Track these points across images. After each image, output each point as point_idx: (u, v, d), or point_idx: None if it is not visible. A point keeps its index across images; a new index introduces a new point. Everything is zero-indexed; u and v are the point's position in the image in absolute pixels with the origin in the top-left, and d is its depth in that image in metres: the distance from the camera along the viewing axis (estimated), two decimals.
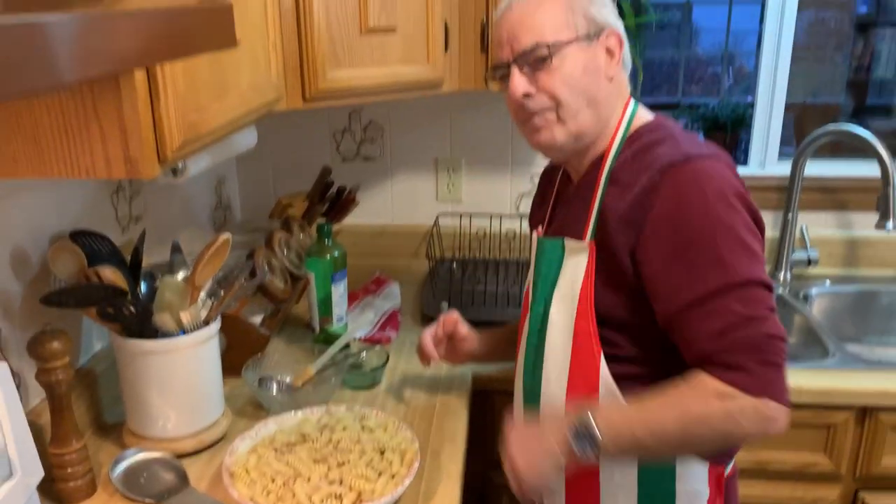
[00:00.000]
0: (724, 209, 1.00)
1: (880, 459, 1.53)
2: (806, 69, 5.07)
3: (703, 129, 5.14)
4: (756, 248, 1.02)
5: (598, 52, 1.09)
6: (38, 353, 1.08)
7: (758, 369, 0.97)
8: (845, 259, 2.03)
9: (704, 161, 1.02)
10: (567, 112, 1.09)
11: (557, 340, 1.14)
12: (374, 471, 1.12)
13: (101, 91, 0.87)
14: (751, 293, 0.99)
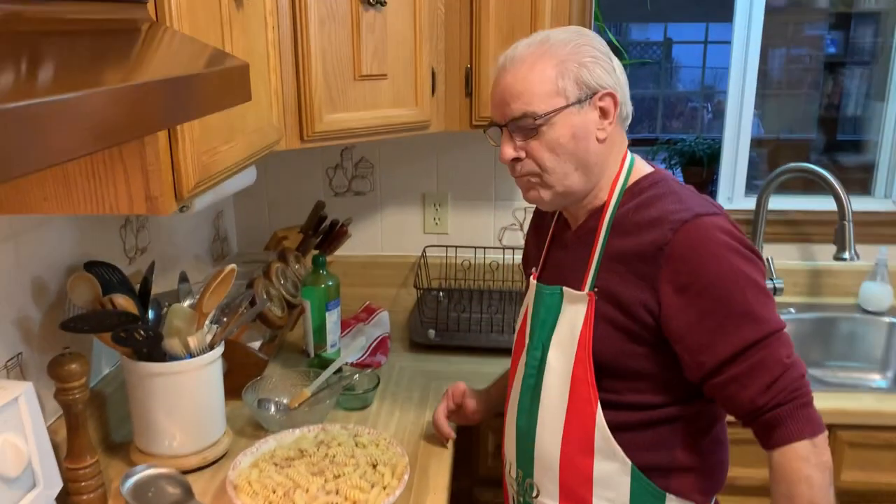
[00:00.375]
0: (741, 262, 1.05)
1: (839, 474, 1.63)
2: (779, 106, 5.26)
3: (680, 164, 5.30)
4: (771, 298, 1.08)
5: (589, 115, 1.10)
6: (58, 375, 1.17)
7: (807, 413, 1.05)
8: (808, 288, 2.15)
9: (712, 217, 1.06)
10: (553, 178, 1.12)
11: (554, 385, 1.16)
12: (368, 482, 1.22)
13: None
14: (783, 339, 1.05)
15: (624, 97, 1.13)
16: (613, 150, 1.15)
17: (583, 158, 1.12)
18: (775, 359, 1.04)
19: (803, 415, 1.05)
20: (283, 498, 1.19)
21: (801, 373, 1.06)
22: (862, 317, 2.06)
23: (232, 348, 1.54)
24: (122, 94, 0.68)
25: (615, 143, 1.15)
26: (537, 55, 1.10)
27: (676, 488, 1.15)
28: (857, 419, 1.59)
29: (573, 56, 1.09)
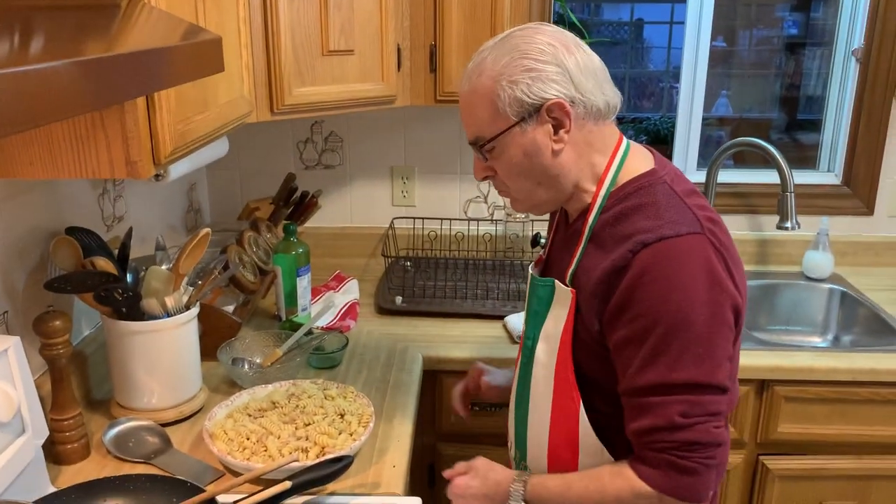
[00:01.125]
0: (684, 298, 0.99)
1: (777, 427, 1.76)
2: (746, 86, 5.40)
3: (647, 141, 5.44)
4: (716, 344, 1.01)
5: (539, 131, 1.06)
6: (43, 331, 1.25)
7: (674, 473, 1.02)
8: (756, 257, 2.28)
9: (680, 241, 1.01)
10: (519, 195, 1.13)
11: (541, 378, 1.18)
12: (336, 429, 1.31)
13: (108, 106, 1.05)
14: (690, 397, 1.00)
15: (589, 95, 1.06)
16: (587, 153, 1.10)
17: (540, 174, 1.09)
18: (664, 412, 1.01)
19: (677, 476, 1.03)
20: (255, 444, 1.28)
21: (696, 440, 1.01)
22: (805, 283, 2.19)
23: (207, 311, 1.62)
24: (103, 64, 0.76)
25: (588, 144, 1.09)
26: (475, 79, 1.08)
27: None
28: (792, 375, 1.71)
29: (507, 75, 1.05)
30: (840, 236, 2.25)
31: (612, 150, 1.11)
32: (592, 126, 1.09)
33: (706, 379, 1.01)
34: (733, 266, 1.07)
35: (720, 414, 1.03)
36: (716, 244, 1.03)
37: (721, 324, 1.02)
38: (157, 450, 1.34)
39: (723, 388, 1.03)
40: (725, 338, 1.03)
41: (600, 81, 1.08)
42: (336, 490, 1.24)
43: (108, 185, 1.65)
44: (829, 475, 1.79)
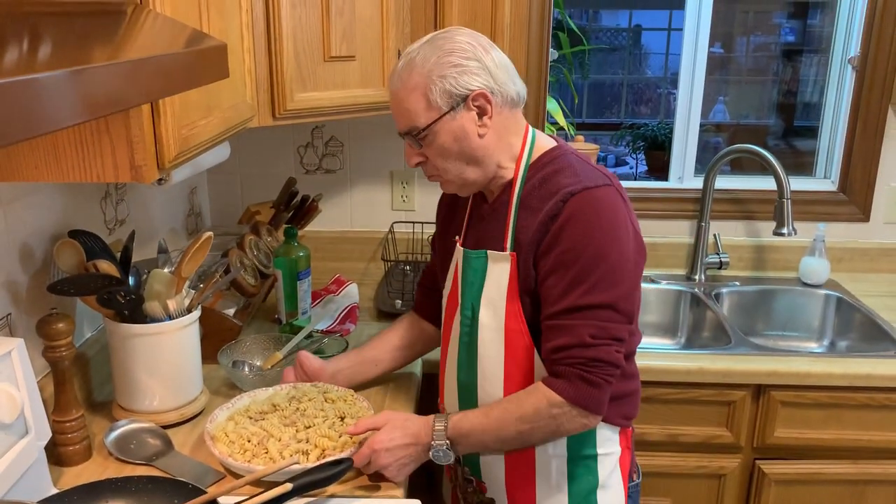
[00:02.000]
0: (603, 237, 1.19)
1: (773, 431, 1.78)
2: (744, 92, 5.43)
3: (643, 147, 5.47)
4: (626, 277, 1.20)
5: (466, 118, 1.22)
6: (46, 333, 1.26)
7: (581, 385, 1.19)
8: (752, 262, 2.29)
9: (598, 190, 1.21)
10: (450, 176, 1.28)
11: (489, 340, 1.30)
12: (336, 432, 1.33)
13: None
14: (601, 315, 1.19)
15: (504, 86, 1.24)
16: (505, 135, 1.27)
17: (469, 155, 1.25)
18: (577, 331, 1.19)
19: (583, 387, 1.19)
20: (256, 446, 1.29)
21: (599, 357, 1.19)
22: (801, 289, 2.20)
23: (208, 314, 1.63)
24: (110, 71, 0.77)
25: (505, 129, 1.27)
26: (407, 77, 1.23)
27: (604, 415, 1.29)
28: (788, 380, 1.73)
29: (437, 70, 1.20)
30: (836, 242, 2.26)
31: (523, 132, 1.30)
32: (508, 113, 1.27)
33: (615, 304, 1.19)
34: (633, 215, 1.26)
35: (622, 340, 1.21)
36: (623, 195, 1.24)
37: (629, 260, 1.21)
38: (159, 452, 1.35)
39: (629, 316, 1.22)
40: (633, 273, 1.23)
41: (511, 75, 1.26)
42: (336, 492, 1.25)
43: (110, 188, 1.67)
44: (825, 480, 1.81)
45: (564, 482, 1.32)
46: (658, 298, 2.21)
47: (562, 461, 1.31)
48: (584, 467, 1.32)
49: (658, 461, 1.81)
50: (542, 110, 2.15)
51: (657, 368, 1.74)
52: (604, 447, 1.33)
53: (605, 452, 1.33)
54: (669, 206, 2.27)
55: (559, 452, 1.31)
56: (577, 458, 1.31)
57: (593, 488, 1.33)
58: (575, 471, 1.32)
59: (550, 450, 1.31)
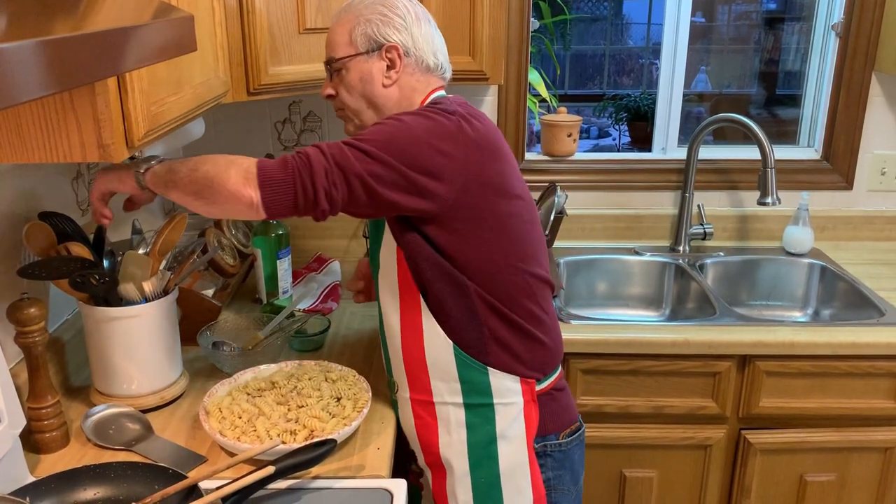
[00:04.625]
0: (399, 117, 1.23)
1: (758, 401, 1.78)
2: (725, 62, 5.40)
3: (626, 119, 5.43)
4: (395, 138, 1.19)
5: (376, 64, 1.32)
6: (17, 318, 1.23)
7: (276, 162, 1.18)
8: (736, 232, 2.28)
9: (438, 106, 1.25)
10: (350, 112, 1.37)
11: (386, 286, 1.34)
12: (329, 413, 1.31)
13: (77, 88, 1.03)
14: (347, 143, 1.20)
15: (421, 51, 1.33)
16: (409, 93, 1.34)
17: (370, 99, 1.34)
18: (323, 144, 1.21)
19: (275, 161, 1.19)
20: (246, 423, 1.28)
21: (306, 151, 1.19)
22: (785, 258, 2.20)
23: (185, 295, 1.60)
24: (70, 43, 0.73)
25: (411, 88, 1.34)
26: (342, 13, 1.35)
27: (495, 363, 1.29)
28: (773, 350, 1.72)
29: (365, 14, 1.32)
30: (820, 211, 2.26)
31: (426, 94, 1.35)
32: (420, 76, 1.34)
33: (364, 147, 1.18)
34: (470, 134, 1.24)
35: (346, 171, 1.17)
36: (466, 129, 1.23)
37: (415, 135, 1.20)
38: (138, 436, 1.33)
39: (363, 150, 1.19)
40: (416, 144, 1.20)
41: (435, 48, 1.35)
42: (321, 473, 1.24)
43: (82, 168, 1.62)
44: (809, 448, 1.81)
45: (463, 431, 1.31)
46: (642, 270, 2.19)
47: (459, 410, 1.31)
48: (480, 416, 1.31)
49: (644, 433, 1.81)
50: (524, 81, 2.12)
51: (642, 341, 1.73)
52: (501, 396, 1.30)
53: (503, 402, 1.31)
54: (653, 178, 2.25)
55: (455, 400, 1.31)
56: (472, 407, 1.31)
57: (492, 439, 1.31)
58: (472, 420, 1.31)
59: (447, 396, 1.31)
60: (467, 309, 1.27)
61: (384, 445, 1.32)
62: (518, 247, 1.29)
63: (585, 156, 2.31)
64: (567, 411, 1.40)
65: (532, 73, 2.37)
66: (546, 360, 1.34)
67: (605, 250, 2.22)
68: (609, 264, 2.20)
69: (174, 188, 1.24)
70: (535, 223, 1.35)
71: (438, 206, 1.21)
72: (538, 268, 1.32)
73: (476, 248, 1.25)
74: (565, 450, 1.37)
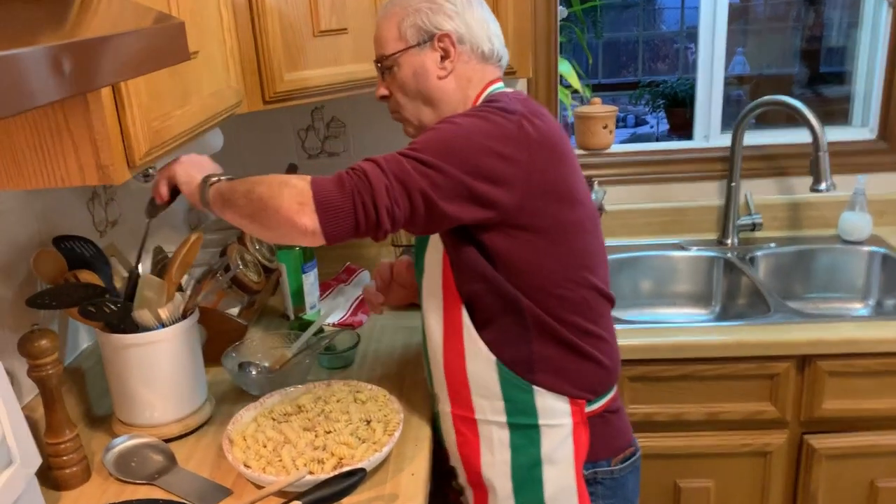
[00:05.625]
0: (455, 119, 1.15)
1: (821, 403, 1.65)
2: (763, 42, 5.21)
3: (664, 105, 5.28)
4: (454, 147, 1.09)
5: (429, 56, 1.23)
6: (29, 352, 1.17)
7: (332, 178, 1.10)
8: (788, 222, 2.15)
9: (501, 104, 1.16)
10: (407, 113, 1.28)
11: (430, 294, 1.27)
12: (358, 439, 1.23)
13: (70, 107, 0.96)
14: (404, 154, 1.11)
15: (476, 38, 1.24)
16: (465, 85, 1.25)
17: (426, 94, 1.25)
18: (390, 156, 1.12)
19: (330, 177, 1.11)
20: (271, 452, 1.21)
21: (363, 167, 1.10)
22: (842, 247, 2.05)
23: (209, 315, 1.54)
24: (50, 53, 0.67)
25: (468, 79, 1.25)
26: (388, 7, 1.27)
27: (541, 381, 1.20)
28: (836, 348, 1.60)
29: (413, 5, 1.23)
30: (877, 195, 2.10)
31: (484, 86, 1.26)
32: (476, 64, 1.25)
33: (422, 157, 1.09)
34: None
35: (407, 186, 1.08)
36: (528, 129, 1.13)
37: (473, 142, 1.11)
38: (161, 469, 1.26)
39: (421, 161, 1.09)
40: (474, 151, 1.11)
41: (490, 34, 1.26)
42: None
43: (97, 189, 1.57)
44: (880, 452, 1.68)
45: (507, 452, 1.23)
46: (689, 266, 2.08)
47: (503, 430, 1.23)
48: (525, 437, 1.22)
49: (698, 441, 1.70)
50: (554, 73, 2.01)
51: (693, 344, 1.62)
52: (547, 417, 1.21)
53: (550, 423, 1.21)
54: (696, 168, 2.13)
55: (498, 419, 1.22)
56: (517, 427, 1.22)
57: (537, 462, 1.22)
58: (516, 441, 1.22)
59: (489, 414, 1.23)
60: (515, 324, 1.18)
61: (419, 471, 1.24)
62: (578, 259, 1.19)
63: (623, 148, 2.20)
64: (621, 435, 1.29)
65: (563, 64, 2.27)
66: (599, 381, 1.24)
67: (648, 247, 2.11)
68: (653, 261, 2.08)
69: (230, 208, 1.16)
70: (597, 232, 1.25)
71: (500, 214, 1.12)
72: (598, 281, 1.23)
73: (533, 260, 1.16)
74: (618, 477, 1.27)
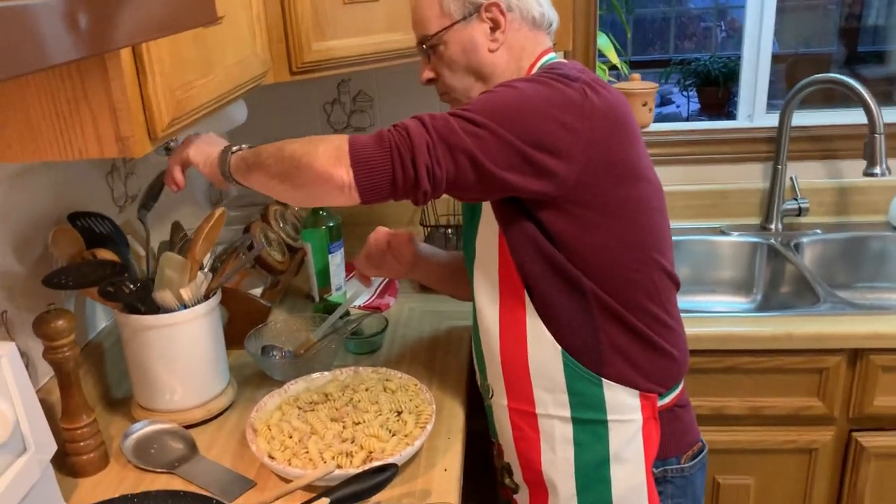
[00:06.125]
0: (517, 84, 1.07)
1: (872, 400, 1.57)
2: (796, 20, 5.05)
3: (695, 84, 5.14)
4: (510, 111, 1.02)
5: (477, 28, 1.15)
6: (44, 333, 1.11)
7: (371, 136, 1.03)
8: (836, 207, 2.05)
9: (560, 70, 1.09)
10: (458, 94, 1.19)
11: (484, 280, 1.19)
12: (388, 431, 1.17)
13: (89, 74, 0.89)
14: (453, 114, 1.04)
15: (522, 3, 1.15)
16: (519, 55, 1.17)
17: (477, 69, 1.17)
18: None
19: (370, 135, 1.04)
20: (297, 444, 1.15)
21: (406, 124, 1.03)
22: (893, 234, 1.96)
23: (232, 296, 1.48)
24: (66, 6, 0.59)
25: (521, 48, 1.17)
26: None
27: (611, 374, 1.12)
28: (891, 342, 1.51)
29: None
30: None
31: (538, 55, 1.18)
32: (527, 32, 1.17)
33: (475, 119, 1.01)
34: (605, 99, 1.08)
35: (453, 146, 1.01)
36: (588, 91, 1.06)
37: (535, 107, 1.04)
38: (181, 457, 1.21)
39: (469, 119, 1.02)
40: (538, 120, 1.03)
41: None
42: (381, 501, 1.09)
43: (116, 162, 1.50)
44: None
45: (570, 449, 1.15)
46: (730, 252, 1.99)
47: (566, 425, 1.15)
48: (591, 433, 1.14)
49: (740, 437, 1.62)
50: (593, 47, 1.92)
51: (738, 335, 1.54)
52: (616, 412, 1.14)
53: (619, 419, 1.14)
54: (739, 148, 2.03)
55: (561, 414, 1.14)
56: (582, 423, 1.14)
57: (605, 460, 1.14)
58: (581, 437, 1.14)
59: (552, 409, 1.15)
60: (580, 310, 1.10)
61: (452, 466, 1.17)
62: (645, 238, 1.11)
63: (662, 126, 2.11)
64: (690, 431, 1.22)
65: (601, 38, 2.17)
66: (670, 373, 1.16)
67: (687, 231, 2.02)
68: (693, 246, 1.99)
69: (257, 170, 1.09)
70: (663, 211, 1.16)
71: (557, 187, 1.04)
72: (667, 263, 1.15)
73: (596, 240, 1.08)
74: (687, 475, 1.20)
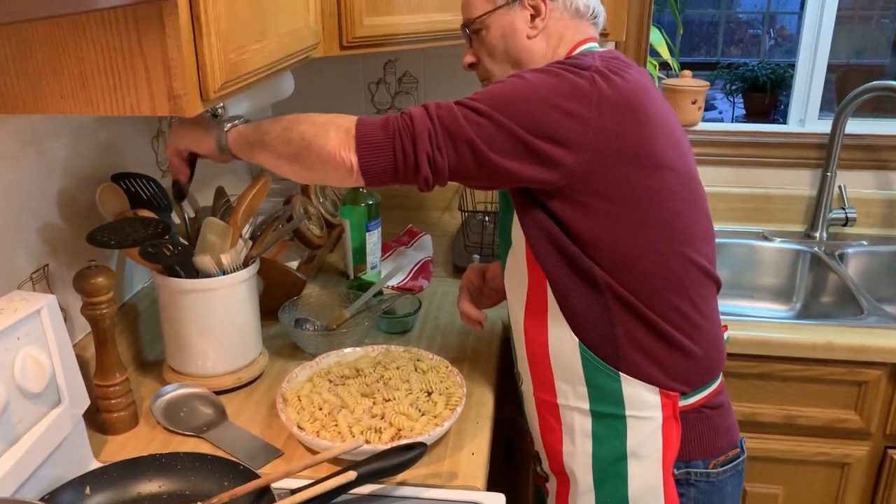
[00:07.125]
0: (525, 74, 1.06)
1: None
2: (849, 31, 4.94)
3: (741, 89, 5.05)
4: (517, 100, 1.02)
5: (518, 15, 1.15)
6: (84, 288, 1.12)
7: (378, 121, 1.05)
8: (884, 219, 2.00)
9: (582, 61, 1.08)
10: (496, 79, 1.16)
11: (515, 269, 1.17)
12: (418, 410, 1.16)
13: (146, 29, 0.89)
14: (461, 104, 1.04)
15: None
16: (556, 44, 1.17)
17: (514, 56, 1.18)
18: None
19: (377, 120, 1.06)
20: (327, 416, 1.15)
21: (411, 111, 1.05)
22: None
23: (269, 267, 1.48)
24: None
25: (560, 37, 1.17)
26: None
27: (629, 369, 1.09)
28: None
29: None
30: None
31: (575, 44, 1.17)
32: (568, 21, 1.17)
33: (480, 109, 1.02)
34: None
35: (457, 136, 1.02)
36: (609, 69, 1.05)
37: (541, 98, 1.03)
38: (210, 422, 1.21)
39: (475, 109, 1.03)
40: (543, 109, 1.02)
41: None
42: (407, 479, 1.09)
43: (162, 125, 1.51)
44: None
45: (589, 442, 1.13)
46: (772, 258, 1.95)
47: (585, 417, 1.13)
48: (609, 428, 1.12)
49: (771, 445, 1.59)
50: (645, 40, 1.88)
51: (777, 342, 1.50)
52: (635, 408, 1.11)
53: (637, 415, 1.11)
54: (788, 153, 1.99)
55: (581, 405, 1.13)
56: (601, 416, 1.12)
57: (622, 455, 1.12)
58: (599, 431, 1.12)
59: (572, 400, 1.13)
60: (595, 302, 1.07)
61: (479, 450, 1.16)
62: (668, 230, 1.08)
63: (711, 126, 2.07)
64: (722, 435, 1.17)
65: (654, 34, 2.13)
66: (692, 372, 1.12)
67: (729, 234, 1.98)
68: (734, 249, 1.96)
69: (263, 149, 1.10)
70: (695, 202, 1.12)
71: (564, 177, 1.02)
72: (700, 257, 1.11)
73: (609, 230, 1.05)
74: (715, 481, 1.16)
